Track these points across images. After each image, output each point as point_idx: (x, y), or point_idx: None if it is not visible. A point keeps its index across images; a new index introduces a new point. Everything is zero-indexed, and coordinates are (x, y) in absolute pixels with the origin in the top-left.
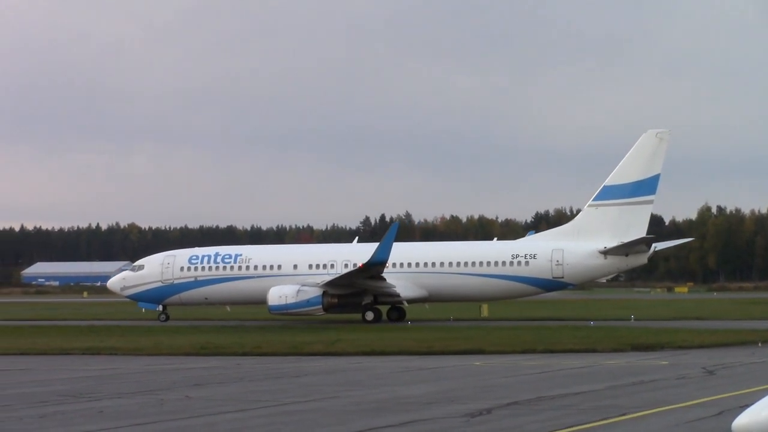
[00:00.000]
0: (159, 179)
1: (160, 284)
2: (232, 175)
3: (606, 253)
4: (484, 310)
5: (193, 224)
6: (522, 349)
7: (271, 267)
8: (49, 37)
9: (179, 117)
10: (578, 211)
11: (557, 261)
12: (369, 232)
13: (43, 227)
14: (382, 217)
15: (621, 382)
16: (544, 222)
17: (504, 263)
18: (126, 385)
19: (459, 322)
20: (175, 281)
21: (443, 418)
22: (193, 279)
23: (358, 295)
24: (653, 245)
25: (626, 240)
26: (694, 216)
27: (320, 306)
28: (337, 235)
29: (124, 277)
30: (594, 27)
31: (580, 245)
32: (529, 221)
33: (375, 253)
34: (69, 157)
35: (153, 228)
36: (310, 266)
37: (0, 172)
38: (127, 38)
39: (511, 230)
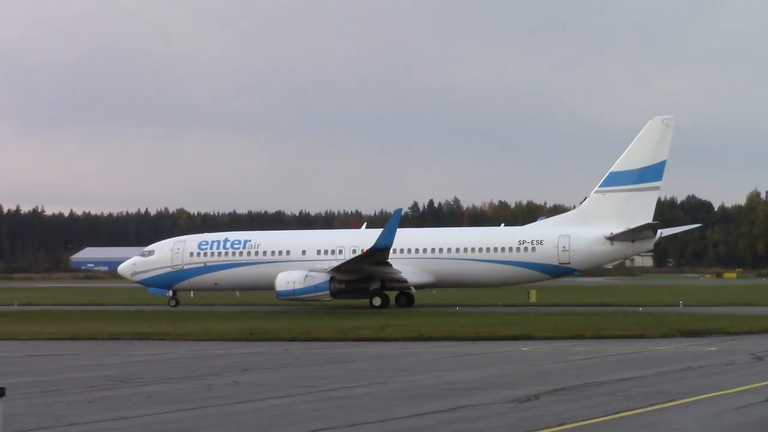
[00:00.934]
0: (208, 164)
1: (170, 270)
2: (281, 161)
3: (612, 239)
4: (533, 295)
5: (242, 209)
6: (570, 335)
7: (280, 253)
8: (100, 22)
9: (229, 102)
10: None
11: (564, 247)
12: (417, 217)
13: (93, 212)
14: (431, 202)
15: (669, 368)
16: None
17: (511, 249)
18: (174, 370)
19: (507, 308)
20: (185, 267)
21: (491, 404)
22: (202, 264)
23: (365, 281)
24: (660, 231)
25: (632, 226)
26: (743, 202)
27: (328, 291)
28: (385, 221)
29: (134, 263)
30: (649, 10)
31: (586, 231)
32: (576, 206)
33: (378, 239)
34: (119, 142)
35: (202, 213)
36: (319, 252)
37: (50, 157)
38: (178, 22)
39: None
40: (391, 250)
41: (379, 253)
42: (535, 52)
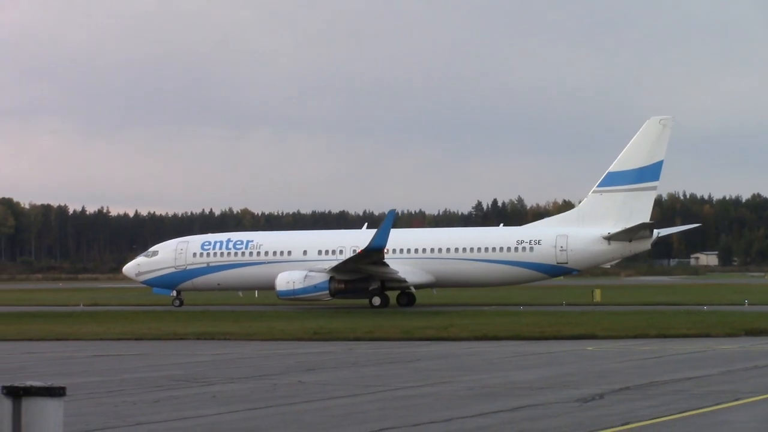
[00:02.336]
0: (273, 164)
1: (173, 270)
2: (346, 160)
3: (610, 238)
4: (597, 295)
5: (306, 209)
6: (634, 334)
7: (282, 253)
8: (166, 23)
9: (295, 102)
10: (691, 195)
11: (561, 247)
12: (481, 216)
13: (157, 213)
14: (494, 201)
15: (735, 367)
16: (657, 206)
17: (509, 249)
18: (239, 370)
19: (571, 307)
20: (188, 267)
21: (555, 403)
22: (205, 265)
23: (365, 281)
24: (656, 231)
25: (629, 226)
26: None
27: (327, 291)
28: (448, 220)
29: (138, 263)
30: (714, 8)
31: (584, 231)
32: None
33: (372, 239)
34: (184, 142)
35: (266, 213)
36: (320, 252)
37: (115, 158)
38: (243, 23)
39: None
40: (392, 251)
41: (373, 253)
42: (601, 50)
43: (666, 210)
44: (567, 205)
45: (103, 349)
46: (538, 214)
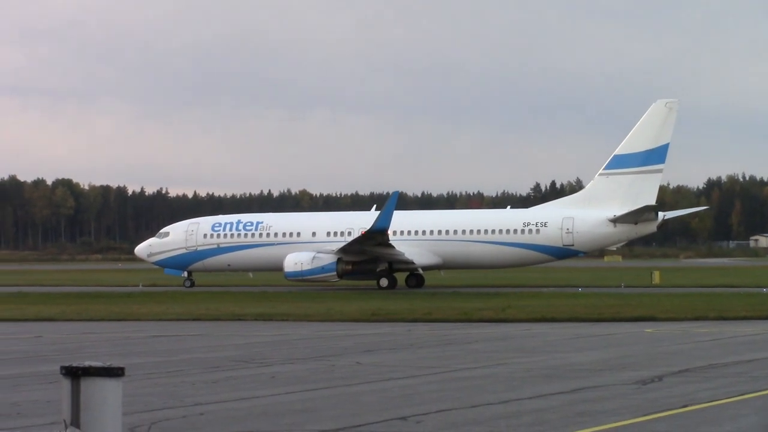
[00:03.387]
0: (331, 145)
1: (184, 251)
2: (404, 141)
3: (615, 221)
4: (656, 277)
5: (364, 191)
6: (694, 316)
7: (291, 234)
8: (222, 4)
9: (353, 83)
10: (750, 177)
11: (567, 229)
12: (539, 198)
13: (216, 194)
14: (552, 183)
15: None
16: (716, 188)
17: (516, 231)
18: (297, 351)
19: (630, 289)
20: (199, 248)
21: (614, 385)
22: (215, 246)
23: (372, 262)
24: (663, 214)
25: (634, 208)
26: None
27: (335, 272)
28: (507, 202)
29: (150, 244)
30: None
31: (590, 213)
32: (700, 187)
33: (376, 221)
34: (243, 123)
35: (324, 195)
36: (329, 233)
37: (174, 139)
38: (303, 3)
39: (682, 197)
40: (399, 232)
41: (377, 234)
42: (658, 31)
43: (725, 192)
44: None
45: (162, 329)
46: None
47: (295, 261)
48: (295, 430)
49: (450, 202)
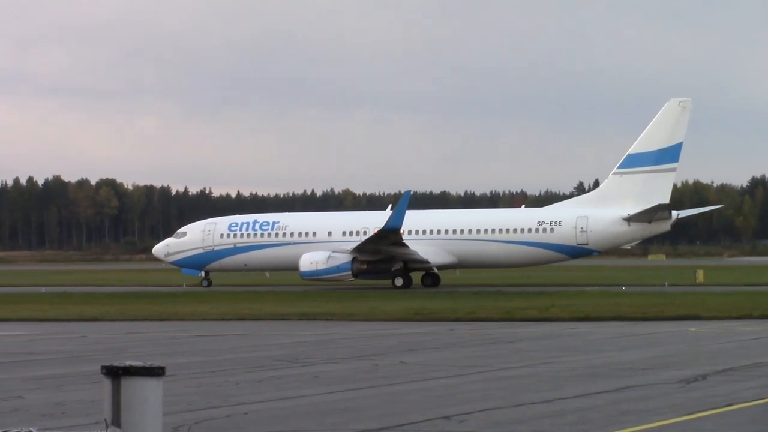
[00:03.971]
0: (374, 145)
1: (201, 251)
2: (447, 140)
3: (629, 220)
4: (700, 275)
5: (407, 190)
6: (738, 315)
7: (307, 234)
8: (267, 4)
9: (396, 82)
10: None
11: (582, 228)
12: None
13: (259, 193)
14: (596, 182)
15: None
16: (760, 187)
17: (530, 230)
18: (341, 350)
19: (673, 288)
20: (216, 248)
21: (658, 384)
22: (232, 246)
23: (387, 262)
24: (677, 213)
25: (647, 207)
26: None
27: (350, 272)
28: (550, 200)
29: (167, 244)
30: None
31: (604, 212)
32: (744, 186)
33: (388, 220)
34: (286, 123)
35: (367, 194)
36: (344, 233)
37: (218, 139)
38: (345, 2)
39: (726, 195)
40: (414, 232)
41: (390, 233)
42: (702, 29)
43: None
44: None
45: (206, 329)
46: None
47: (310, 260)
48: (338, 430)
49: (493, 201)
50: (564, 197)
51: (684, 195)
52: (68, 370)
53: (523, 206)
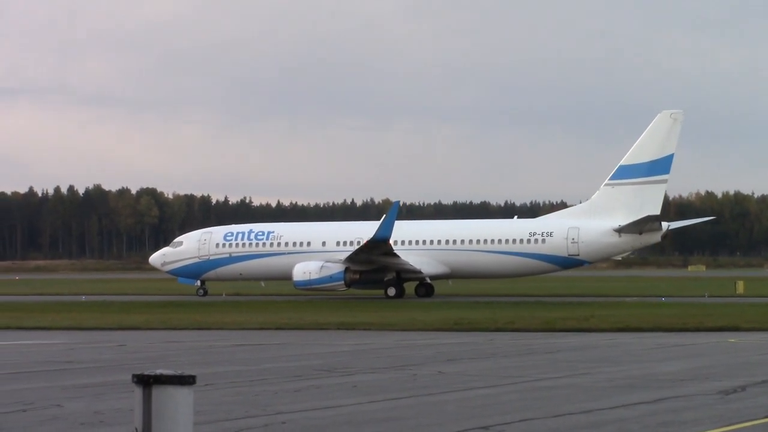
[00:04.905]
0: (414, 155)
1: (197, 260)
2: (488, 151)
3: (620, 231)
4: (740, 286)
5: (447, 200)
6: None
7: (301, 244)
8: (308, 14)
9: (436, 93)
10: None
11: (573, 239)
12: None
13: (299, 203)
14: None
15: None
16: None
17: (522, 241)
18: (379, 360)
19: (713, 299)
20: (212, 257)
21: (697, 395)
22: (228, 255)
23: (379, 272)
24: (667, 224)
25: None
26: None
27: (342, 282)
28: None
29: (164, 253)
30: None
31: (595, 223)
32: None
33: (377, 231)
34: (326, 133)
35: (407, 204)
36: (338, 243)
37: (257, 148)
38: (386, 12)
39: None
40: (407, 242)
41: (379, 243)
42: (746, 38)
43: None
44: (709, 196)
45: (245, 338)
46: (681, 204)
47: (303, 270)
48: None
49: (533, 211)
50: None
51: (724, 206)
52: (107, 379)
53: (516, 217)
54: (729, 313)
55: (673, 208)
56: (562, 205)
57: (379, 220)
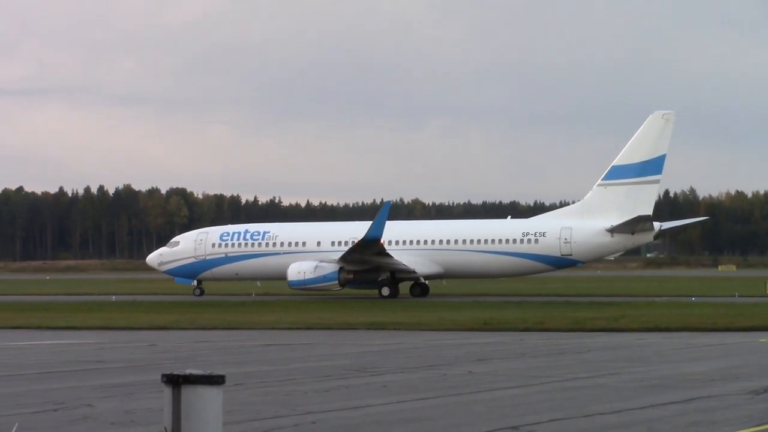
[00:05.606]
0: (443, 155)
1: (193, 260)
2: (517, 151)
3: (613, 231)
4: None
5: (476, 200)
6: None
7: (296, 244)
8: (337, 15)
9: (467, 93)
10: None
11: (566, 239)
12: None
13: (329, 203)
14: (666, 192)
15: None
16: None
17: (515, 241)
18: (409, 360)
19: (744, 299)
20: (207, 257)
21: (727, 395)
22: (223, 255)
23: (373, 271)
24: (659, 224)
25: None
26: None
27: (337, 281)
28: None
29: (161, 254)
30: None
31: (588, 224)
32: None
33: (368, 231)
34: (355, 133)
35: (437, 204)
36: (333, 243)
37: (287, 148)
38: (415, 13)
39: None
40: (402, 242)
41: (370, 243)
42: None
43: None
44: (740, 196)
45: (274, 338)
46: (711, 205)
47: (298, 270)
48: None
49: None
50: None
51: (755, 205)
52: (137, 379)
53: (509, 217)
54: (759, 313)
55: (702, 207)
56: None
57: (413, 219)
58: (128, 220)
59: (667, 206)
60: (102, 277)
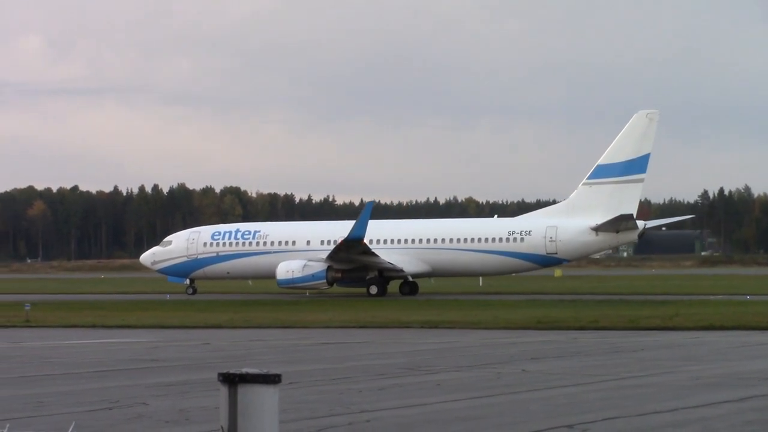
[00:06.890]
0: (497, 153)
1: (185, 259)
2: (569, 148)
3: (597, 230)
4: None
5: (530, 198)
6: None
7: (287, 243)
8: (388, 13)
9: (521, 91)
10: None
11: (551, 237)
12: (707, 205)
13: (382, 201)
14: (721, 190)
15: None
16: None
17: (501, 239)
18: (463, 359)
19: None
20: (199, 256)
21: None
22: (215, 254)
23: (361, 270)
24: (644, 223)
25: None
26: None
27: (324, 280)
28: (673, 210)
29: (154, 252)
30: None
31: (573, 222)
32: None
33: (351, 230)
34: (409, 131)
35: (490, 202)
36: (322, 242)
37: (341, 147)
38: (466, 11)
39: None
40: (390, 241)
41: (353, 243)
42: None
43: None
44: None
45: (329, 336)
46: (766, 203)
47: (286, 269)
48: None
49: None
50: (688, 206)
51: None
52: (192, 377)
53: (496, 216)
54: None
55: (757, 205)
56: (647, 204)
57: (467, 217)
58: (182, 219)
59: (722, 204)
60: (156, 276)
